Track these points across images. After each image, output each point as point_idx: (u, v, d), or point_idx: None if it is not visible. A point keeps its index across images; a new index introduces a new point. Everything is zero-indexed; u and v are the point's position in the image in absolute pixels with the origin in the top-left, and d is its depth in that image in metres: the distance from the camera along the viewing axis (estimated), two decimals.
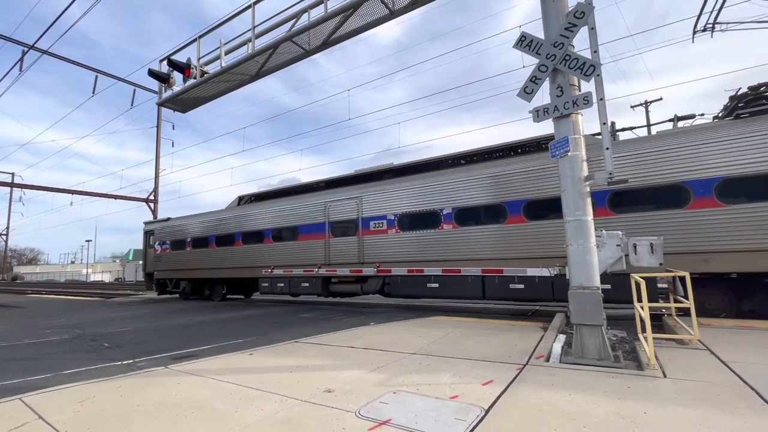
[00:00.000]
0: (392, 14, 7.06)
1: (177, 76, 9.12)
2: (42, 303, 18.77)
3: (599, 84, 4.73)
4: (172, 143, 42.81)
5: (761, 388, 3.44)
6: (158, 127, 35.40)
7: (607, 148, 4.73)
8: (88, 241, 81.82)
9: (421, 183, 10.64)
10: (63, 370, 5.33)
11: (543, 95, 5.28)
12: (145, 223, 20.09)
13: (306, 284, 12.60)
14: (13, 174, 44.16)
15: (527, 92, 5.22)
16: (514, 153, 10.32)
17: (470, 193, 9.78)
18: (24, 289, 35.64)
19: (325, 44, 7.92)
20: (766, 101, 7.43)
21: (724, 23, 12.39)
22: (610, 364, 4.38)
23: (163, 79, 9.16)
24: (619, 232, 5.25)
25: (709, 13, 11.82)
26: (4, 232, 56.21)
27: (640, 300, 4.65)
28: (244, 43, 8.46)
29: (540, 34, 5.31)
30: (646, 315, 4.46)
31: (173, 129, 54.47)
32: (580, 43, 4.88)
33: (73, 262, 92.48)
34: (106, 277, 68.40)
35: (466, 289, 9.44)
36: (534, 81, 5.18)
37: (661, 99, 24.14)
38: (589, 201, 4.88)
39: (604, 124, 4.74)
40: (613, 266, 5.22)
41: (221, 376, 4.50)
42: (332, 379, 4.19)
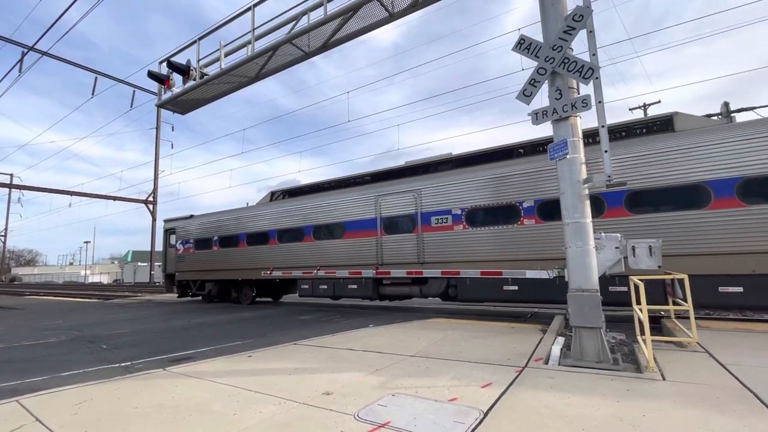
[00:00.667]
0: (392, 17, 7.08)
1: (177, 78, 9.12)
2: (40, 304, 18.71)
3: (598, 87, 4.75)
4: (171, 145, 42.83)
5: (760, 391, 3.44)
6: (157, 128, 35.45)
7: (606, 151, 4.75)
8: (86, 242, 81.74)
9: (494, 173, 9.40)
10: (61, 372, 5.31)
11: (542, 98, 5.30)
12: (166, 221, 18.60)
13: (353, 286, 11.43)
14: (11, 175, 44.14)
15: (526, 95, 5.24)
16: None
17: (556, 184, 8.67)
18: (22, 290, 35.54)
19: (325, 46, 7.93)
20: None
21: None
22: (609, 367, 4.38)
23: (163, 81, 9.17)
24: (618, 235, 5.27)
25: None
26: (3, 234, 56.11)
27: (639, 302, 4.66)
28: (244, 45, 8.47)
29: (539, 37, 5.33)
30: (644, 317, 4.46)
31: (172, 130, 54.45)
32: (578, 47, 4.90)
33: (71, 264, 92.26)
34: (105, 279, 68.26)
35: (553, 292, 7.75)
36: (533, 84, 5.20)
37: (659, 102, 24.22)
38: (587, 203, 4.89)
39: (602, 126, 4.75)
40: (612, 269, 5.23)
41: (219, 378, 4.49)
42: (331, 382, 4.19)
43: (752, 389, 3.51)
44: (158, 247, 37.21)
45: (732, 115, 9.08)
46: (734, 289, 6.75)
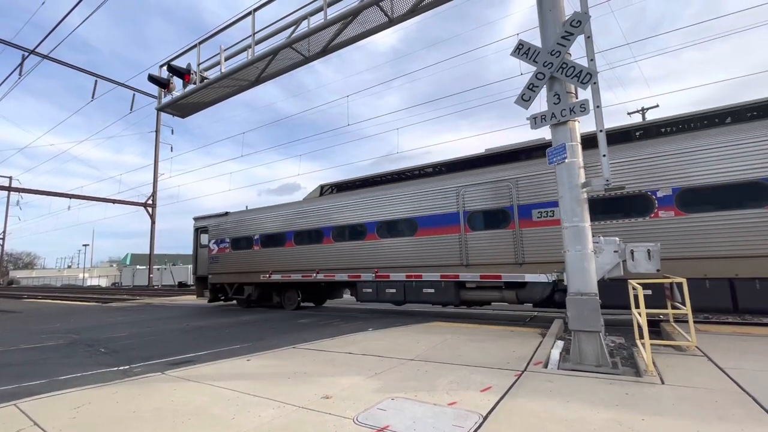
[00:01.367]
0: (391, 22, 7.13)
1: (177, 82, 9.16)
2: (38, 308, 18.66)
3: (596, 92, 4.78)
4: (171, 148, 42.86)
5: (759, 395, 3.44)
6: (157, 131, 35.51)
7: (604, 155, 4.77)
8: (85, 245, 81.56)
9: (623, 156, 7.89)
10: (59, 376, 5.30)
11: (540, 102, 5.33)
12: (196, 219, 17.02)
13: (430, 290, 10.03)
14: (10, 178, 44.10)
15: (525, 99, 5.27)
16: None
17: (704, 167, 7.14)
18: (20, 293, 35.42)
19: (325, 51, 7.98)
20: None
21: None
22: (608, 371, 4.38)
23: (163, 85, 9.20)
24: (617, 239, 5.28)
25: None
26: (1, 236, 55.97)
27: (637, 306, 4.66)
28: (244, 50, 8.51)
29: (537, 42, 5.37)
30: (643, 321, 4.47)
31: (172, 133, 54.60)
32: (576, 52, 4.94)
33: (69, 267, 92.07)
34: (103, 282, 68.07)
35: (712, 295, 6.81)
36: (531, 88, 5.23)
37: (657, 106, 24.35)
38: (586, 207, 4.91)
39: (600, 131, 4.78)
40: (611, 272, 5.24)
41: (218, 381, 4.48)
42: (330, 386, 4.18)
43: (751, 393, 3.51)
44: (157, 251, 37.11)
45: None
46: None
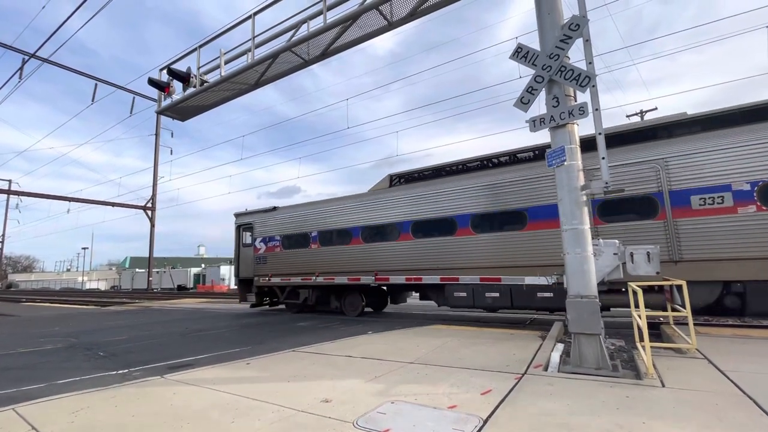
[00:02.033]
0: (390, 25, 7.16)
1: (177, 85, 9.18)
2: (37, 311, 18.60)
3: (594, 94, 4.80)
4: (171, 151, 42.93)
5: (760, 398, 3.43)
6: (157, 134, 35.57)
7: (603, 158, 4.78)
8: (84, 248, 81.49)
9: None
10: (57, 380, 5.27)
11: (539, 105, 5.35)
12: (238, 215, 15.50)
13: (548, 294, 8.41)
14: (10, 181, 44.08)
15: (524, 102, 5.29)
16: None
17: None
18: (18, 297, 35.33)
19: (324, 54, 8.01)
20: None
21: None
22: (608, 374, 4.37)
23: (163, 88, 9.22)
24: (616, 241, 5.29)
25: None
26: (0, 240, 55.86)
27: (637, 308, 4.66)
28: (244, 53, 8.54)
29: (535, 46, 5.39)
30: (643, 324, 4.46)
31: (172, 137, 54.66)
32: (575, 55, 4.96)
33: (68, 270, 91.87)
34: (102, 285, 67.94)
35: None
36: (530, 91, 5.25)
37: (656, 108, 24.44)
38: (585, 210, 4.91)
39: (599, 134, 4.79)
40: (610, 275, 5.25)
41: (218, 385, 4.46)
42: (330, 389, 4.17)
43: (752, 396, 3.51)
44: (156, 254, 37.03)
45: None
46: None
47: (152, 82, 9.13)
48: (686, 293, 5.06)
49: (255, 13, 8.06)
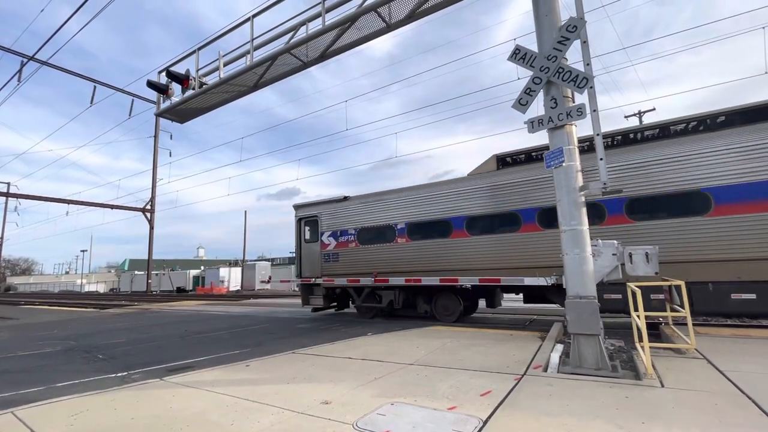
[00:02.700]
0: (389, 27, 7.18)
1: (176, 87, 9.18)
2: (35, 314, 18.55)
3: (592, 96, 4.82)
4: (170, 153, 42.82)
5: (758, 398, 3.44)
6: (156, 137, 35.56)
7: (601, 159, 4.79)
8: (83, 251, 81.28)
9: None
10: (56, 383, 5.26)
11: (537, 106, 5.37)
12: (299, 207, 13.56)
13: (749, 296, 6.63)
14: (8, 183, 43.99)
15: (522, 104, 5.31)
16: None
17: None
18: (17, 300, 35.23)
19: (323, 56, 8.02)
20: None
21: None
22: (607, 374, 4.38)
23: (162, 90, 9.22)
24: (615, 241, 5.30)
25: None
26: None
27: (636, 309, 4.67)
28: (243, 55, 8.55)
29: (533, 47, 5.41)
30: (642, 324, 4.47)
31: (171, 139, 54.59)
32: (573, 56, 4.98)
33: (67, 273, 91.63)
34: (101, 288, 67.76)
35: None
36: (528, 93, 5.27)
37: (654, 109, 24.50)
38: (584, 210, 4.92)
39: (597, 135, 4.81)
40: (609, 275, 5.25)
41: (217, 387, 4.46)
42: (330, 391, 4.16)
43: (751, 396, 3.51)
44: (155, 256, 36.96)
45: None
46: None
47: (151, 84, 9.13)
48: (685, 293, 5.07)
49: (254, 16, 8.08)
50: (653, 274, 5.08)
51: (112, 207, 33.99)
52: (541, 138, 6.20)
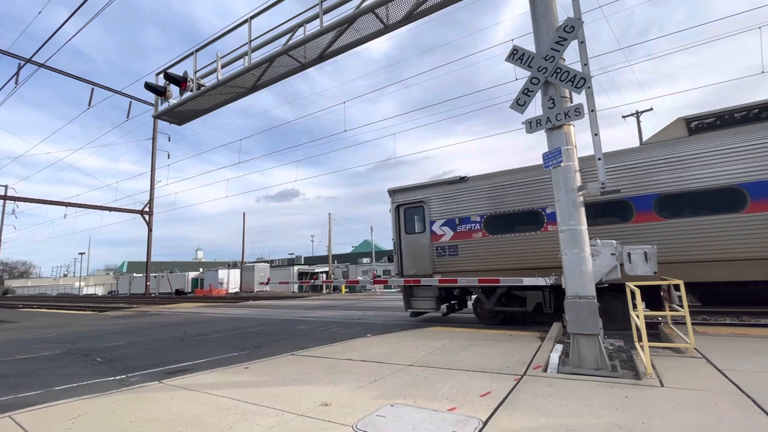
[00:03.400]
0: (387, 28, 7.18)
1: (174, 89, 9.17)
2: (34, 317, 18.48)
3: (590, 96, 4.83)
4: (168, 155, 42.64)
5: (758, 397, 3.44)
6: (154, 139, 35.52)
7: (599, 159, 4.80)
8: (81, 253, 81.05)
9: None
10: (54, 387, 5.24)
11: (535, 107, 5.38)
12: (395, 192, 11.29)
13: None
14: (6, 186, 43.87)
15: (520, 104, 5.31)
16: None
17: None
18: (15, 303, 35.09)
19: (321, 57, 8.02)
20: None
21: None
22: (607, 374, 4.38)
23: (160, 92, 9.21)
24: (614, 241, 5.30)
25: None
26: None
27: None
28: (241, 57, 8.55)
29: (529, 48, 5.43)
30: (641, 324, 4.47)
31: (169, 141, 54.54)
32: (570, 56, 4.99)
33: (65, 275, 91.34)
34: (100, 291, 67.59)
35: None
36: (526, 93, 5.28)
37: (651, 109, 24.58)
38: (582, 211, 4.93)
39: (595, 135, 4.82)
40: (608, 275, 5.26)
41: (216, 390, 4.44)
42: (329, 393, 4.15)
43: (750, 395, 3.52)
44: (154, 258, 36.87)
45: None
46: None
47: (149, 86, 9.12)
48: (683, 292, 5.08)
49: (252, 17, 8.08)
50: (652, 273, 5.09)
51: (110, 209, 33.92)
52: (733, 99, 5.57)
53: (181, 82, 8.81)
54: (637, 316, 4.60)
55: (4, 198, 35.63)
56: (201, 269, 56.43)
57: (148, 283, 36.78)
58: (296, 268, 51.07)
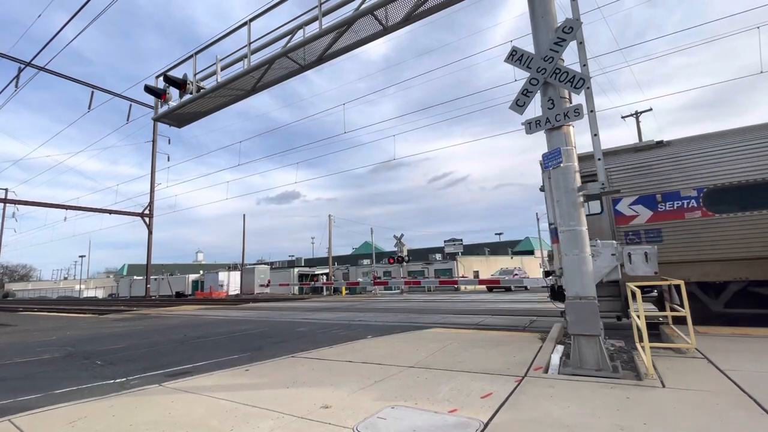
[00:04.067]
0: (386, 30, 7.20)
1: (173, 92, 9.19)
2: (34, 320, 18.46)
3: (589, 96, 4.83)
4: (168, 157, 42.65)
5: (760, 397, 3.43)
6: (154, 141, 35.56)
7: (599, 159, 4.81)
8: (81, 256, 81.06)
9: None
10: (54, 390, 5.23)
11: (535, 107, 5.38)
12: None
13: None
14: (6, 190, 43.85)
15: (519, 105, 5.32)
16: None
17: None
18: (15, 306, 35.06)
19: (321, 59, 8.03)
20: None
21: None
22: (608, 375, 4.36)
23: (160, 95, 9.22)
24: (614, 242, 5.30)
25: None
26: None
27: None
28: (240, 59, 8.56)
29: (529, 49, 5.43)
30: (642, 324, 4.46)
31: (169, 143, 54.58)
32: (569, 56, 5.00)
33: (66, 278, 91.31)
34: (100, 293, 67.56)
35: None
36: (525, 94, 5.28)
37: (651, 110, 24.61)
38: (582, 211, 4.93)
39: (595, 135, 4.82)
40: (608, 275, 5.25)
41: (217, 393, 4.43)
42: (329, 395, 4.14)
43: (752, 395, 3.51)
44: (154, 261, 36.86)
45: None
46: None
47: (149, 89, 9.14)
48: (684, 293, 5.07)
49: (251, 20, 8.10)
50: (653, 273, 5.09)
51: (110, 212, 33.93)
52: None
53: (181, 85, 8.82)
54: (638, 316, 4.59)
55: (5, 201, 35.66)
56: (201, 271, 56.42)
57: (149, 286, 36.76)
58: (296, 269, 51.10)
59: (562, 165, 4.95)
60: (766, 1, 10.48)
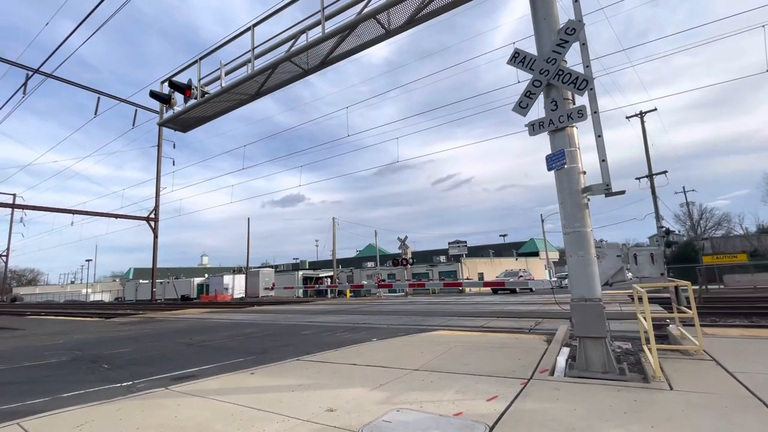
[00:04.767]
0: (388, 34, 7.23)
1: (178, 97, 9.28)
2: (41, 324, 18.62)
3: (593, 97, 4.82)
4: (173, 162, 43.12)
5: None
6: (159, 146, 35.87)
7: (603, 161, 4.79)
8: (88, 260, 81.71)
9: None
10: (62, 394, 5.26)
11: (538, 109, 5.37)
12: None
13: None
14: (14, 195, 44.41)
15: (522, 107, 5.32)
16: None
17: None
18: (23, 310, 35.38)
19: (324, 63, 8.08)
20: None
21: None
22: (615, 377, 4.33)
23: (165, 100, 9.32)
24: (620, 243, 5.27)
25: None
26: (4, 254, 56.16)
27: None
28: (244, 64, 8.63)
29: (532, 51, 5.43)
30: (649, 326, 4.43)
31: (174, 148, 55.04)
32: (572, 58, 4.99)
33: (72, 282, 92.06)
34: (106, 297, 68.01)
35: None
36: (528, 96, 5.28)
37: (655, 110, 24.47)
38: (587, 212, 4.91)
39: (599, 136, 4.80)
40: (614, 277, 5.23)
41: (222, 396, 4.45)
42: (334, 398, 4.14)
43: (761, 397, 3.46)
44: (159, 264, 37.03)
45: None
46: None
47: (154, 94, 9.24)
48: (691, 294, 5.03)
49: (254, 25, 8.17)
50: (659, 275, 5.05)
51: (116, 216, 34.22)
52: None
53: (186, 90, 8.91)
54: (645, 318, 4.55)
55: (13, 206, 36.09)
56: (206, 275, 56.68)
57: (154, 290, 36.97)
58: (301, 272, 51.20)
59: (566, 166, 4.94)
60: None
